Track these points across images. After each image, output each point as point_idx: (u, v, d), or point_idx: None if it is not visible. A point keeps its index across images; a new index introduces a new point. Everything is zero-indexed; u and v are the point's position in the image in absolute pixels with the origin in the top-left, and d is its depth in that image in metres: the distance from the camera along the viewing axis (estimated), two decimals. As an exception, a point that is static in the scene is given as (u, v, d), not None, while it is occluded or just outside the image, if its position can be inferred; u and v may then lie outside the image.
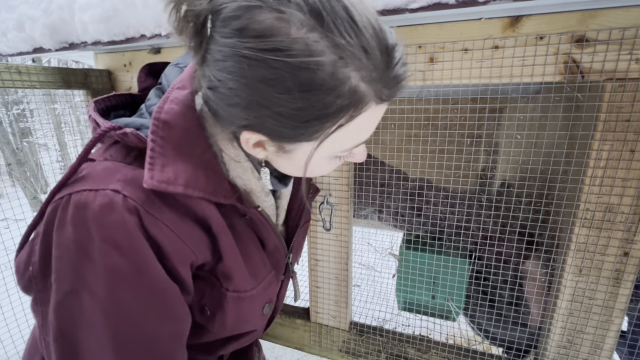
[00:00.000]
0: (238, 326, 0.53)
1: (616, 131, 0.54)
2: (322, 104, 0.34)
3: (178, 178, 0.39)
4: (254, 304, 0.53)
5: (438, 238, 0.93)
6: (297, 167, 0.45)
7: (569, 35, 0.52)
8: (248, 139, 0.40)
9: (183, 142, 0.41)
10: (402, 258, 0.91)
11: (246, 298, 0.50)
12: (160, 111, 0.40)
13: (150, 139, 0.39)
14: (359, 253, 1.29)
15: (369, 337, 0.84)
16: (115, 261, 0.36)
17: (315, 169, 0.45)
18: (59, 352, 0.38)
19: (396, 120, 0.79)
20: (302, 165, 0.42)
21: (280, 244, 0.56)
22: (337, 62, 0.32)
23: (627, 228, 0.57)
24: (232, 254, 0.47)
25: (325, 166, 0.46)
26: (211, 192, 0.42)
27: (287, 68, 0.32)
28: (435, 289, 0.90)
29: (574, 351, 0.66)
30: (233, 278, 0.48)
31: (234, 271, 0.48)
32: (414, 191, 0.92)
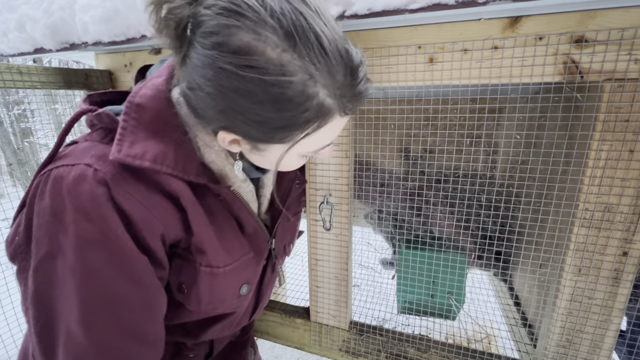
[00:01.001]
0: (213, 303, 0.54)
1: (615, 131, 0.54)
2: (291, 115, 0.39)
3: (146, 154, 0.42)
4: (228, 282, 0.54)
5: (437, 237, 0.93)
6: (269, 163, 0.49)
7: (568, 36, 0.52)
8: (224, 138, 0.43)
9: (155, 123, 0.44)
10: (402, 258, 0.92)
11: (219, 274, 0.52)
12: (135, 95, 0.44)
13: (122, 119, 0.43)
14: (359, 253, 1.29)
15: (368, 337, 0.84)
16: (84, 227, 0.39)
17: (286, 164, 0.50)
18: (36, 313, 0.41)
19: (396, 120, 0.79)
20: (274, 162, 0.47)
21: (260, 227, 0.58)
22: (307, 81, 0.37)
23: (626, 228, 0.57)
24: (203, 228, 0.49)
25: (295, 163, 0.51)
26: (181, 170, 0.44)
27: (262, 83, 0.36)
28: (435, 287, 0.90)
29: (573, 350, 0.66)
30: (206, 252, 0.50)
31: (206, 245, 0.49)
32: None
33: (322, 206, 0.76)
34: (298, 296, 1.08)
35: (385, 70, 0.63)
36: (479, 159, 1.14)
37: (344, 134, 0.70)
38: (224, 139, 0.43)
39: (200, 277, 0.50)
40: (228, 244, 0.53)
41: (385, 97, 0.72)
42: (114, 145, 0.41)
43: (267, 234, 0.61)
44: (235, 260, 0.54)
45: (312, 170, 0.76)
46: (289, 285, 1.20)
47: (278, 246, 0.66)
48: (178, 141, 0.45)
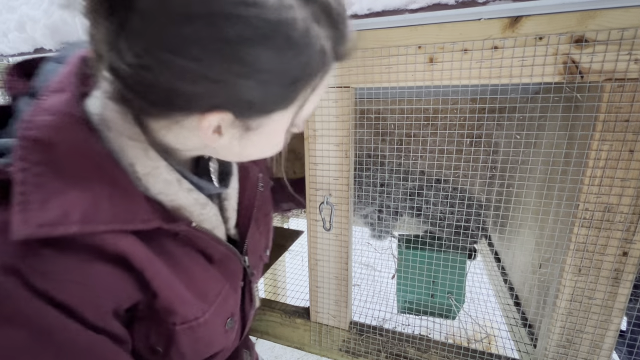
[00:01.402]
0: (199, 353, 0.47)
1: (615, 131, 0.54)
2: (303, 62, 0.31)
3: (70, 214, 0.30)
4: (211, 327, 0.46)
5: (437, 237, 0.93)
6: (258, 146, 0.39)
7: (568, 36, 0.52)
8: (209, 124, 0.32)
9: (71, 164, 0.31)
10: (402, 258, 0.92)
11: (200, 325, 0.44)
12: (30, 126, 0.30)
13: (17, 167, 0.29)
14: (359, 253, 1.29)
15: (368, 337, 0.84)
16: (11, 336, 0.28)
17: (273, 144, 0.41)
18: None
19: (396, 120, 0.79)
20: (265, 144, 0.39)
21: (230, 251, 0.49)
22: (307, 18, 0.30)
23: (626, 228, 0.57)
24: (167, 287, 0.39)
25: (281, 141, 0.42)
26: (123, 221, 0.33)
27: (266, 24, 0.27)
28: (435, 287, 0.90)
29: (573, 350, 0.66)
30: (177, 311, 0.41)
31: (176, 304, 0.41)
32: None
33: (322, 206, 0.77)
34: (298, 296, 1.08)
35: (385, 70, 0.63)
36: (479, 159, 1.14)
37: (344, 134, 0.71)
38: (208, 126, 0.33)
39: (178, 336, 0.42)
40: (200, 287, 0.44)
41: (385, 97, 0.72)
42: (15, 212, 0.28)
43: (238, 253, 0.52)
44: (214, 302, 0.46)
45: (312, 170, 0.76)
46: (289, 285, 1.20)
47: (253, 261, 0.57)
48: (110, 180, 0.33)
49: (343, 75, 0.67)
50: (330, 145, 0.72)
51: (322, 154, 0.74)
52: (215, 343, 0.48)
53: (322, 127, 0.72)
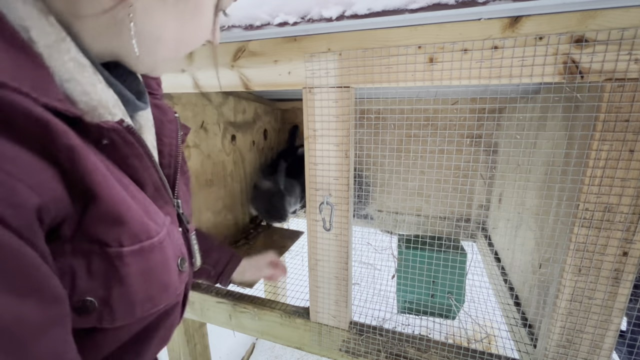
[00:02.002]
0: (153, 298, 0.35)
1: (615, 131, 0.54)
2: None
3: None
4: (166, 255, 0.37)
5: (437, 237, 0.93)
6: (183, 23, 0.34)
7: (568, 36, 0.52)
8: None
9: None
10: (402, 258, 0.92)
11: (154, 248, 0.34)
12: None
13: None
14: (359, 253, 1.29)
15: (368, 337, 0.84)
16: None
17: (200, 23, 0.36)
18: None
19: (396, 120, 0.79)
20: (190, 20, 0.34)
21: (162, 182, 0.40)
22: None
23: (626, 228, 0.57)
24: (110, 185, 0.30)
25: (209, 25, 0.37)
26: (33, 87, 0.25)
27: None
28: (435, 287, 0.90)
29: (573, 350, 0.66)
30: (125, 220, 0.31)
31: (123, 208, 0.31)
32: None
33: (322, 206, 0.77)
34: (298, 296, 1.08)
35: (385, 70, 0.63)
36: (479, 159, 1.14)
37: (344, 134, 0.71)
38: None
39: (126, 266, 0.31)
40: (142, 206, 0.35)
41: (385, 97, 0.72)
42: None
43: (171, 193, 0.43)
44: (163, 225, 0.37)
45: (312, 171, 0.76)
46: (289, 285, 1.20)
47: (186, 212, 0.48)
48: (13, 42, 0.26)
49: (343, 75, 0.67)
50: (330, 145, 0.72)
51: (322, 154, 0.74)
52: (170, 286, 0.37)
53: (322, 127, 0.72)
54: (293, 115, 1.87)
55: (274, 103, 1.79)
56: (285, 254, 1.32)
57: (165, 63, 0.39)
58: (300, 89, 0.72)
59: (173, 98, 1.06)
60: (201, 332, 1.33)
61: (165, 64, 0.40)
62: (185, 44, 0.38)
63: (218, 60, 0.45)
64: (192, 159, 1.16)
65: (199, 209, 1.22)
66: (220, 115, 1.32)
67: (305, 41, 0.69)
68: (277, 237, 1.43)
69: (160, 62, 0.39)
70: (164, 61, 0.39)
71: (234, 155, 1.44)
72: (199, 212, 1.22)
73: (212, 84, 0.80)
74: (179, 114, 1.08)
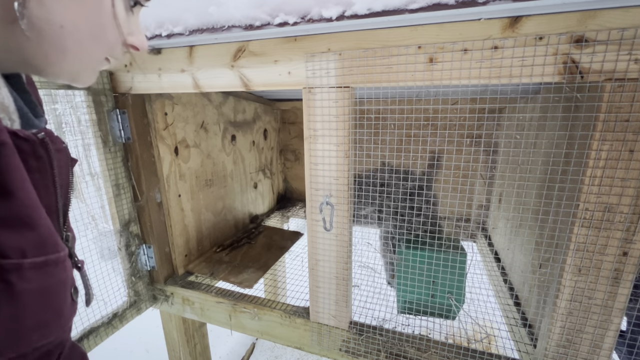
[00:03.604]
0: (46, 323, 0.30)
1: (615, 131, 0.54)
2: None
3: None
4: (66, 276, 0.33)
5: (437, 237, 0.93)
6: (81, 6, 0.32)
7: (568, 36, 0.52)
8: None
9: None
10: (402, 258, 0.92)
11: (59, 264, 0.31)
12: None
13: None
14: (359, 253, 1.30)
15: (368, 337, 0.84)
16: None
17: (99, 16, 0.33)
18: None
19: (396, 120, 0.79)
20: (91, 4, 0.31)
21: (57, 209, 0.36)
22: None
23: (626, 228, 0.57)
24: (27, 184, 0.28)
25: (112, 20, 0.35)
26: None
27: None
28: (435, 287, 0.90)
29: (573, 350, 0.66)
30: (38, 225, 0.28)
31: (37, 213, 0.28)
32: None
33: (322, 206, 0.77)
34: (298, 296, 1.08)
35: (385, 70, 0.63)
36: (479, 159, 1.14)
37: (344, 134, 0.71)
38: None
39: (23, 283, 0.27)
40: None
41: (385, 97, 0.72)
42: None
43: (60, 218, 0.38)
44: (63, 247, 0.33)
45: (312, 171, 0.76)
46: (289, 285, 1.20)
47: (72, 241, 0.42)
48: None
49: (343, 75, 0.67)
50: (331, 145, 0.72)
51: (322, 154, 0.74)
52: (64, 314, 0.33)
53: (322, 127, 0.72)
54: (293, 115, 1.87)
55: (274, 103, 1.80)
56: (285, 255, 1.32)
57: (81, 63, 0.36)
58: (300, 89, 0.72)
59: (173, 98, 1.06)
60: (201, 332, 1.33)
61: (82, 64, 0.36)
62: (95, 34, 0.34)
63: (218, 61, 0.42)
64: (192, 158, 1.16)
65: (199, 209, 1.22)
66: (220, 115, 1.32)
67: (305, 41, 0.69)
68: (277, 238, 1.43)
69: (75, 62, 0.35)
70: (79, 60, 0.35)
71: (234, 155, 1.44)
72: (199, 212, 1.22)
73: (212, 83, 0.80)
74: (179, 113, 1.08)
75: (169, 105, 1.04)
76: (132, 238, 1.02)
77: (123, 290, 1.02)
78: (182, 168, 1.12)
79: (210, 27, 0.68)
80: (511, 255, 1.06)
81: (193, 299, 1.05)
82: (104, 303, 0.96)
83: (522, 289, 0.94)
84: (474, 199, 1.40)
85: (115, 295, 1.00)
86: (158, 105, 1.00)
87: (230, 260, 1.22)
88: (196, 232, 1.22)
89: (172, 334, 1.25)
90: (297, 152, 1.94)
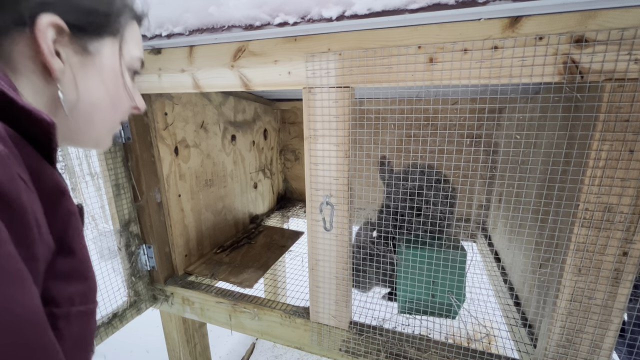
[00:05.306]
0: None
1: (615, 131, 0.54)
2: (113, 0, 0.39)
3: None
4: (95, 327, 0.38)
5: (437, 237, 0.93)
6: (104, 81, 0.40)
7: (568, 36, 0.52)
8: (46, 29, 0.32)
9: None
10: (402, 258, 0.92)
11: (92, 315, 0.35)
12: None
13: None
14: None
15: (368, 337, 0.84)
16: None
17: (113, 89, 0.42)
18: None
19: (396, 120, 0.79)
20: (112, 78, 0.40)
21: None
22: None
23: (626, 228, 0.57)
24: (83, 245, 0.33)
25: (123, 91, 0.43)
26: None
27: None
28: (435, 287, 0.90)
29: (573, 350, 0.66)
30: (89, 276, 0.34)
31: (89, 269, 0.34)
32: None
33: (322, 206, 0.77)
34: (298, 296, 1.08)
35: (385, 70, 0.63)
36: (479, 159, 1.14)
37: (344, 134, 0.71)
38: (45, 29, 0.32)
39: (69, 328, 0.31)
40: None
41: (385, 97, 0.72)
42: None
43: None
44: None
45: (312, 171, 0.76)
46: (289, 285, 1.20)
47: None
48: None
49: (343, 75, 0.67)
50: (331, 145, 0.73)
51: (323, 154, 0.74)
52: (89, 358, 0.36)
53: (322, 127, 0.72)
54: (293, 115, 1.87)
55: (274, 103, 1.80)
56: (285, 254, 1.32)
57: (104, 130, 0.44)
58: (300, 89, 0.72)
59: (173, 98, 1.06)
60: (201, 332, 1.33)
61: (105, 131, 0.44)
62: (114, 104, 0.42)
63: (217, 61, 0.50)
64: (192, 158, 1.16)
65: (199, 209, 1.22)
66: (220, 115, 1.32)
67: (305, 41, 0.69)
68: (277, 237, 1.43)
69: (100, 130, 0.43)
70: (104, 127, 0.44)
71: (234, 155, 1.44)
72: (199, 212, 1.22)
73: (212, 83, 0.80)
74: (179, 113, 1.08)
75: (169, 105, 1.04)
76: (132, 238, 1.02)
77: (123, 290, 1.02)
78: (182, 168, 1.12)
79: (211, 27, 0.68)
80: (511, 255, 1.06)
81: (193, 299, 1.05)
82: (104, 303, 0.96)
83: (522, 289, 0.94)
84: (474, 199, 1.40)
85: (115, 296, 1.00)
86: (158, 105, 1.00)
87: (230, 261, 1.22)
88: (196, 232, 1.22)
89: (172, 334, 1.25)
90: (297, 152, 1.94)
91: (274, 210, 1.83)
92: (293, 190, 2.02)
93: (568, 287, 0.63)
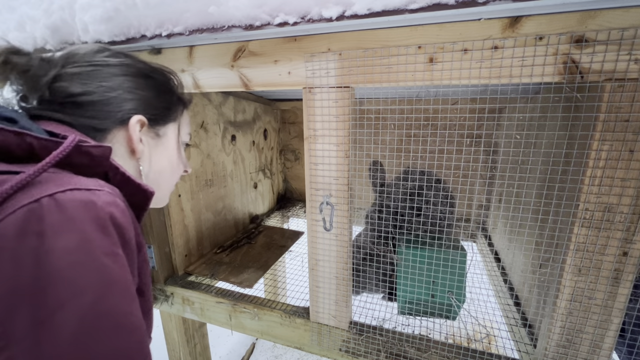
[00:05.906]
0: None
1: (615, 131, 0.54)
2: (172, 98, 0.56)
3: None
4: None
5: (437, 237, 0.93)
6: (164, 157, 0.55)
7: (568, 36, 0.52)
8: (134, 126, 0.48)
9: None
10: (402, 258, 0.92)
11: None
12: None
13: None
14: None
15: (368, 337, 0.84)
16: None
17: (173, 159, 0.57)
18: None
19: (396, 120, 0.79)
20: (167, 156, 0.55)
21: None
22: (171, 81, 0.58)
23: (626, 228, 0.57)
24: (150, 282, 0.45)
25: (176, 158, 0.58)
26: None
27: (159, 75, 0.55)
28: (435, 287, 0.90)
29: (573, 350, 0.66)
30: (151, 314, 0.46)
31: (152, 307, 0.46)
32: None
33: (322, 206, 0.77)
34: (298, 296, 1.08)
35: (385, 70, 0.63)
36: (479, 159, 1.14)
37: (344, 134, 0.71)
38: (134, 126, 0.48)
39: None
40: None
41: (385, 97, 0.72)
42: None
43: None
44: None
45: (312, 171, 0.76)
46: (289, 285, 1.20)
47: None
48: None
49: (343, 75, 0.67)
50: (331, 145, 0.72)
51: (322, 154, 0.74)
52: None
53: (322, 127, 0.72)
54: (293, 115, 1.87)
55: (274, 103, 1.80)
56: (285, 254, 1.32)
57: (166, 191, 0.60)
58: (300, 89, 0.72)
59: (173, 98, 1.06)
60: (201, 332, 1.33)
61: (166, 192, 0.60)
62: (173, 170, 0.57)
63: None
64: (192, 158, 1.16)
65: (199, 209, 1.22)
66: (220, 115, 1.32)
67: (305, 41, 0.69)
68: (277, 237, 1.43)
69: (164, 191, 0.59)
70: (166, 189, 0.59)
71: (234, 155, 1.44)
72: (199, 212, 1.22)
73: (212, 83, 0.80)
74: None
75: (169, 105, 1.04)
76: (132, 238, 1.02)
77: (123, 290, 1.02)
78: (182, 168, 1.12)
79: (211, 27, 0.68)
80: (511, 255, 1.06)
81: (193, 299, 1.05)
82: (104, 303, 0.96)
83: (522, 289, 0.94)
84: (474, 199, 1.40)
85: (115, 295, 0.99)
86: (158, 105, 0.99)
87: (230, 261, 1.22)
88: (196, 232, 1.22)
89: (172, 334, 1.25)
90: (297, 152, 1.94)
91: (274, 210, 1.83)
92: (293, 190, 2.02)
93: (568, 287, 0.63)
